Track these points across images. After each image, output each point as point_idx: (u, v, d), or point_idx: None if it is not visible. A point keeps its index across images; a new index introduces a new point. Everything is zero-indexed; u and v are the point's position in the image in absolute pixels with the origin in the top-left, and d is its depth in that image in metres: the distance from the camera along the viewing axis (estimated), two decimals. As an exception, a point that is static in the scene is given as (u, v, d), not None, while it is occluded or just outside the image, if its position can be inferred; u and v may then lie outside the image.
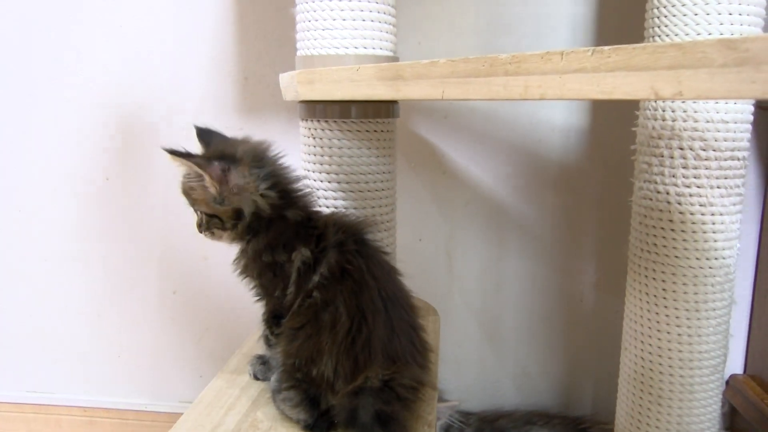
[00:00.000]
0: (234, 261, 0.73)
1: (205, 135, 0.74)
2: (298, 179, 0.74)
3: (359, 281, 0.65)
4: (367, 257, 0.67)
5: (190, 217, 1.26)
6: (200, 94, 1.22)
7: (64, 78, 1.25)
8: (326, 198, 0.89)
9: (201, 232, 0.72)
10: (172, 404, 1.38)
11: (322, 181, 0.89)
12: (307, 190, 0.74)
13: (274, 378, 0.72)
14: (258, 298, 0.73)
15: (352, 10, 0.83)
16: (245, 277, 0.73)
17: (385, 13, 0.86)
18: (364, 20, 0.84)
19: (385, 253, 0.71)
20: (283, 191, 0.70)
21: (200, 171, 0.66)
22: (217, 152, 0.69)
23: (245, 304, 1.29)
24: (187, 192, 0.71)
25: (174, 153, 0.66)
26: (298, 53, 0.89)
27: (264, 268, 0.70)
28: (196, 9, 1.19)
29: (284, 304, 0.69)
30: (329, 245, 0.67)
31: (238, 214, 0.69)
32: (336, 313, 0.64)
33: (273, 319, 0.72)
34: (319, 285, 0.66)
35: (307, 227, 0.69)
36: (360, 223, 0.71)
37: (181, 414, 0.71)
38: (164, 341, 1.35)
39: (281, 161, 0.73)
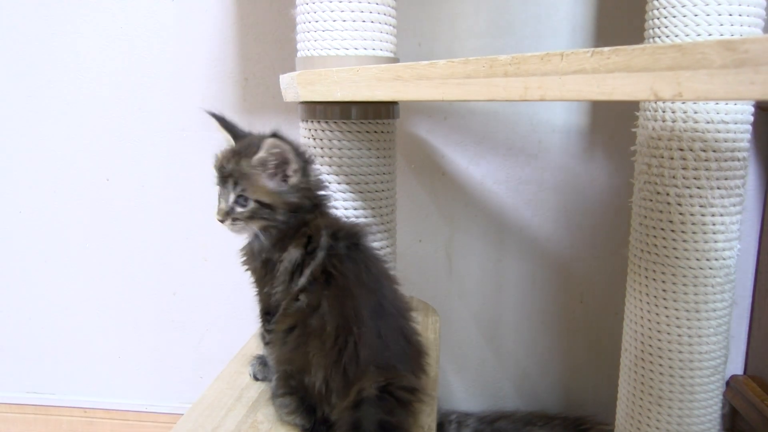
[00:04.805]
0: (240, 249, 0.74)
1: (226, 124, 0.75)
2: (327, 186, 0.76)
3: (344, 287, 0.64)
4: (357, 262, 0.66)
5: (190, 218, 1.27)
6: (201, 95, 1.23)
7: (64, 79, 1.25)
8: (326, 199, 0.89)
9: (224, 221, 0.69)
10: (172, 405, 1.38)
11: (322, 182, 0.89)
12: (330, 199, 0.76)
13: (273, 379, 0.72)
14: (255, 293, 0.74)
15: (353, 11, 0.83)
16: (246, 269, 0.73)
17: (385, 14, 0.86)
18: (364, 21, 0.84)
19: (379, 260, 0.70)
20: (318, 196, 0.73)
21: (292, 159, 0.68)
22: (295, 146, 0.71)
23: (245, 305, 1.30)
24: (243, 176, 0.68)
25: (279, 137, 0.67)
26: (299, 54, 0.89)
27: (259, 264, 0.70)
28: (197, 10, 1.20)
29: (272, 302, 0.69)
30: (319, 248, 0.67)
31: (295, 207, 0.69)
32: (322, 321, 0.63)
33: (265, 316, 0.72)
34: (305, 288, 0.66)
35: (302, 227, 0.69)
36: (354, 227, 0.71)
37: (182, 415, 0.71)
38: (164, 342, 1.35)
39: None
